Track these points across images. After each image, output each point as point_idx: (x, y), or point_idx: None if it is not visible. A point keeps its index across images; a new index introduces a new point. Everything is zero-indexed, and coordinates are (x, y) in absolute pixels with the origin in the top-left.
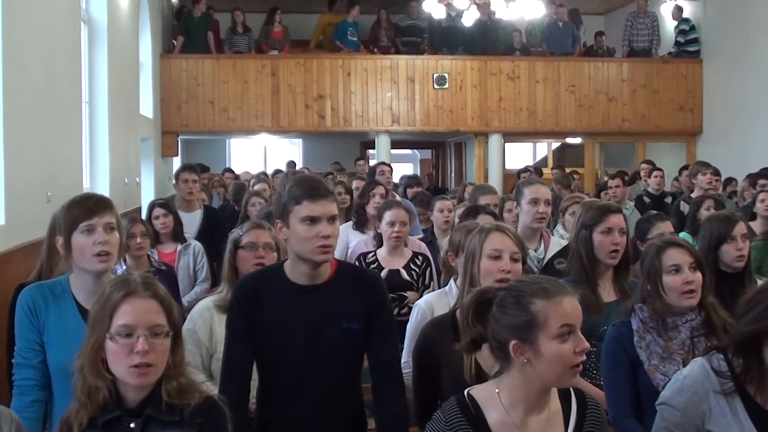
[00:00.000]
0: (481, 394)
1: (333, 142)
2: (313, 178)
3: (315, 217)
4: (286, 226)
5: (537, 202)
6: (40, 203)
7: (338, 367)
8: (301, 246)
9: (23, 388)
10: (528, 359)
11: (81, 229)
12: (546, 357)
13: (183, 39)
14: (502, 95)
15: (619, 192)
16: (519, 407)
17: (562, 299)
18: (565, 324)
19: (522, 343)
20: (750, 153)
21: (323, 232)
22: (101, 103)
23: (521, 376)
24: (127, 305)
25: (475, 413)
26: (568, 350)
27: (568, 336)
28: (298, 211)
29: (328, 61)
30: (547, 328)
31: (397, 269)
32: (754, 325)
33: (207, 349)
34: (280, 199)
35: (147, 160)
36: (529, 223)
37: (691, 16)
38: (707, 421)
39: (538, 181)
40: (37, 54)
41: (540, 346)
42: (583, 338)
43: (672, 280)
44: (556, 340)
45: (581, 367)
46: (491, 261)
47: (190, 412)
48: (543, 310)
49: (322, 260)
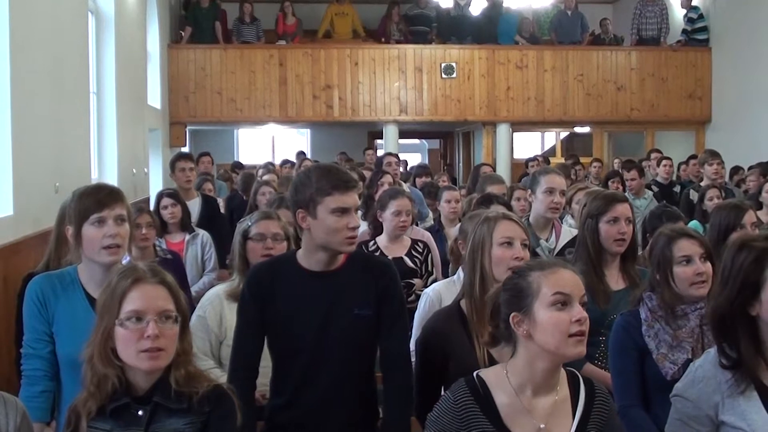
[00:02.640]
0: (491, 376)
1: (341, 132)
2: (340, 169)
3: (346, 208)
4: (311, 216)
5: (552, 191)
6: (48, 194)
7: (350, 354)
8: (329, 236)
9: (32, 378)
10: (527, 330)
11: (92, 221)
12: (541, 325)
13: (191, 29)
14: (510, 84)
15: (635, 184)
16: (527, 389)
17: (557, 270)
18: (559, 292)
19: (520, 313)
20: (759, 141)
21: (352, 223)
22: (109, 94)
23: (526, 353)
24: (136, 291)
25: (483, 394)
26: (563, 318)
27: (563, 305)
28: (327, 202)
29: (335, 51)
30: (542, 297)
31: (400, 257)
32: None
33: (216, 336)
34: (304, 189)
35: (155, 151)
36: (544, 213)
37: (700, 5)
38: (721, 412)
39: (554, 171)
40: (44, 45)
41: (536, 314)
42: (580, 309)
43: (683, 271)
44: (551, 308)
45: (583, 337)
46: (503, 249)
47: (199, 400)
48: (537, 279)
49: (349, 251)
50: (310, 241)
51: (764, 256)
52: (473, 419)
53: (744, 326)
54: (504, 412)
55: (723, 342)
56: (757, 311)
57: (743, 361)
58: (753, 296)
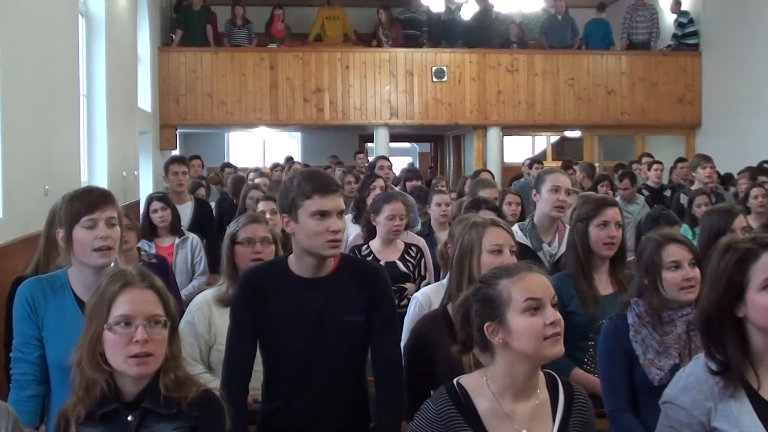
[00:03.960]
0: (470, 383)
1: (332, 135)
2: (322, 172)
3: (325, 211)
4: (293, 221)
5: (558, 189)
6: (37, 197)
7: (341, 359)
8: (310, 240)
9: (21, 382)
10: (503, 339)
11: (83, 223)
12: (517, 333)
13: (182, 32)
14: (501, 88)
15: (627, 193)
16: (507, 394)
17: (524, 275)
18: (530, 298)
19: (493, 323)
20: (749, 146)
21: (333, 226)
22: (99, 97)
23: (503, 360)
24: (125, 296)
25: (465, 401)
26: (537, 323)
27: (536, 310)
28: (308, 205)
29: (326, 55)
30: (513, 304)
31: (393, 261)
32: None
33: (206, 341)
34: (287, 194)
35: (145, 154)
36: (549, 211)
37: (690, 9)
38: (713, 418)
39: (560, 170)
40: (35, 47)
41: (510, 322)
42: (553, 311)
43: (672, 276)
44: (524, 315)
45: (559, 337)
46: (492, 256)
47: (188, 405)
48: (506, 287)
49: (331, 254)
50: (297, 246)
51: (748, 256)
52: (456, 427)
53: (731, 328)
54: (485, 419)
55: (711, 345)
56: (743, 313)
57: (731, 364)
58: (738, 297)
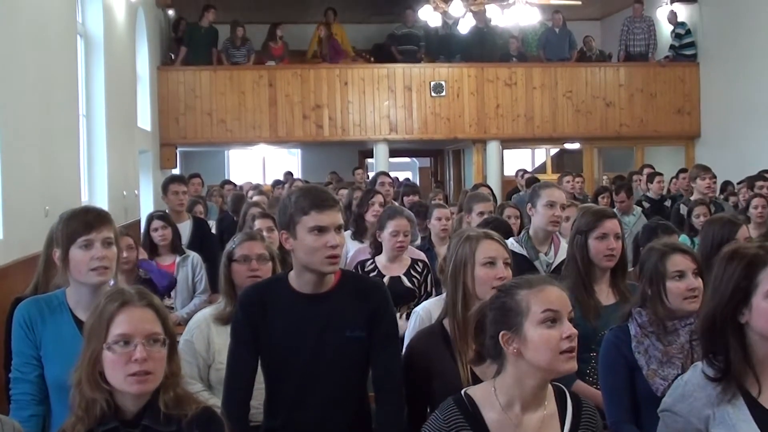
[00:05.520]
0: (478, 394)
1: (331, 151)
2: (319, 188)
3: (323, 227)
4: (292, 237)
5: (553, 205)
6: (38, 217)
7: (342, 375)
8: (308, 256)
9: (20, 402)
10: (517, 348)
11: (79, 244)
12: (533, 343)
13: (186, 50)
14: (500, 102)
15: (624, 206)
16: (516, 405)
17: (544, 287)
18: (548, 309)
19: (510, 332)
20: (748, 155)
21: (331, 242)
22: (99, 116)
23: (515, 371)
24: (123, 314)
25: (473, 412)
26: (554, 336)
27: (553, 322)
28: (305, 221)
29: (325, 71)
30: (531, 315)
31: (398, 276)
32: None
33: (204, 360)
34: (285, 210)
35: (145, 173)
36: (544, 226)
37: (687, 20)
38: (711, 425)
39: (555, 185)
40: (33, 68)
41: (526, 333)
42: (570, 325)
43: (676, 286)
44: (541, 326)
45: (574, 352)
46: (486, 269)
47: (188, 422)
48: (525, 298)
49: (330, 270)
50: (296, 263)
51: (756, 261)
52: None
53: (733, 333)
54: (493, 429)
55: (711, 351)
56: (747, 318)
57: (731, 369)
58: (743, 303)
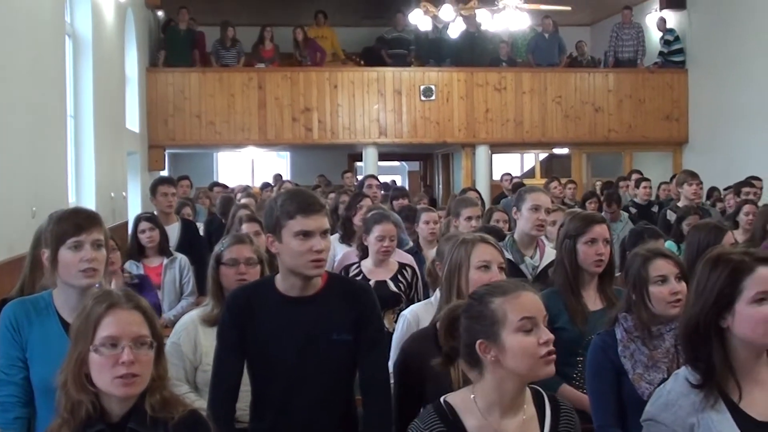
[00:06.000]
0: (458, 401)
1: (320, 154)
2: (305, 192)
3: (308, 231)
4: (278, 241)
5: (538, 209)
6: (25, 218)
7: (329, 378)
8: (294, 260)
9: (5, 404)
10: (495, 356)
11: (68, 245)
12: (511, 351)
13: (165, 53)
14: (489, 106)
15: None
16: (495, 411)
17: (519, 294)
18: (525, 317)
19: (487, 340)
20: (736, 161)
21: (316, 246)
22: (87, 118)
23: (493, 378)
24: (110, 317)
25: (453, 419)
26: (531, 342)
27: (530, 329)
28: (291, 225)
29: (314, 74)
30: (508, 323)
31: (384, 280)
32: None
33: (191, 362)
34: (271, 214)
35: (134, 174)
36: (529, 230)
37: (676, 27)
38: None
39: (540, 189)
40: (21, 68)
41: (504, 341)
42: (546, 330)
43: (659, 290)
44: (518, 334)
45: (552, 357)
46: (480, 272)
47: (174, 425)
48: (501, 306)
49: (315, 274)
50: (282, 266)
51: (741, 268)
52: None
53: (715, 338)
54: None
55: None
56: (729, 323)
57: (713, 374)
58: (726, 308)
